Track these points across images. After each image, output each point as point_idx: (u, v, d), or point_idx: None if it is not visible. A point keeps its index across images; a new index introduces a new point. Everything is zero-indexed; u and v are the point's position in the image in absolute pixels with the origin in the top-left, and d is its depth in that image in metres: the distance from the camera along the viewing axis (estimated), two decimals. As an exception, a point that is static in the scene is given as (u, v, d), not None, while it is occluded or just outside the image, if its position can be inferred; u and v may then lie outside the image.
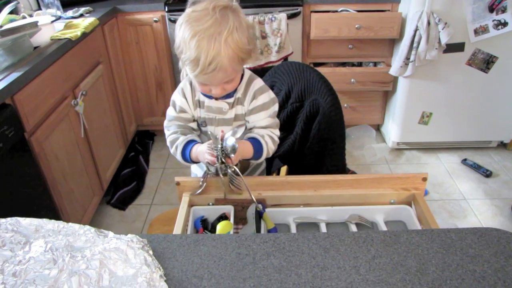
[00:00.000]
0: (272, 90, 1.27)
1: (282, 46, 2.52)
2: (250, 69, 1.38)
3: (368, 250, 0.76)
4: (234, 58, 1.03)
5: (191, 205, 1.15)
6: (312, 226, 1.14)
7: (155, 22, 2.57)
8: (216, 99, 1.20)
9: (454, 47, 2.41)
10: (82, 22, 2.15)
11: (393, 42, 2.65)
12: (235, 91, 1.20)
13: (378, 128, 3.10)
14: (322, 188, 1.15)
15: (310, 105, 1.38)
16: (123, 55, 2.68)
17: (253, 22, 1.10)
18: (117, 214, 2.40)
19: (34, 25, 1.81)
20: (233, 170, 1.08)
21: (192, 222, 1.11)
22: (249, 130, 1.25)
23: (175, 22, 1.21)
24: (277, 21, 2.46)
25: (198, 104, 1.23)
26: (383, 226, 1.10)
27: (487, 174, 2.54)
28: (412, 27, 2.32)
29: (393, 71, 2.53)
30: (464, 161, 2.69)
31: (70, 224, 0.76)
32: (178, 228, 1.04)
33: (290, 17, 2.50)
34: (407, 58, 2.42)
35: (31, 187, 1.62)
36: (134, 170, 2.71)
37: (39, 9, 2.43)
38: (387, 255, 0.75)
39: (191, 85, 1.22)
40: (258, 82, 1.22)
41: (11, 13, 2.00)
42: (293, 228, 1.11)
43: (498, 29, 2.30)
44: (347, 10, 2.53)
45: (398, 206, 1.14)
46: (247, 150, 1.17)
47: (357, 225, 1.12)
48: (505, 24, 2.29)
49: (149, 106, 2.91)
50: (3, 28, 1.74)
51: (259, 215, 1.10)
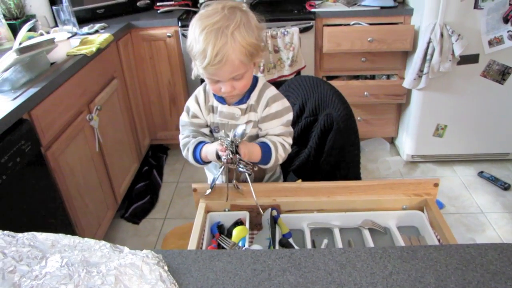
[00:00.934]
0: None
1: (295, 60, 2.53)
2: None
3: (385, 266, 0.75)
4: (241, 51, 1.05)
5: (208, 211, 1.18)
6: (326, 231, 1.16)
7: (169, 37, 2.60)
8: (228, 105, 1.22)
9: (468, 59, 2.39)
10: (97, 38, 2.19)
11: (406, 55, 2.64)
12: (248, 98, 1.21)
13: (392, 141, 3.07)
14: (335, 194, 1.17)
15: (324, 119, 1.37)
16: (137, 70, 2.72)
17: (261, 25, 1.12)
18: (131, 228, 2.40)
19: (51, 41, 1.84)
20: (242, 162, 1.09)
21: (208, 227, 1.14)
22: (261, 137, 1.26)
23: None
24: (289, 35, 2.47)
25: (212, 109, 1.26)
26: (396, 232, 1.11)
27: (505, 187, 2.50)
28: (425, 39, 2.31)
29: (406, 84, 2.52)
30: (480, 173, 2.65)
31: (86, 239, 0.76)
32: (195, 233, 1.06)
33: (302, 31, 2.51)
34: (421, 71, 2.41)
35: (47, 201, 1.64)
36: (148, 184, 2.72)
37: (56, 26, 2.48)
38: (405, 271, 0.74)
39: (205, 91, 1.25)
40: (272, 90, 1.23)
41: (30, 30, 2.04)
42: (307, 233, 1.13)
43: (513, 40, 2.28)
44: (360, 24, 2.53)
45: (410, 211, 1.16)
46: (255, 151, 1.16)
47: (370, 230, 1.13)
48: (520, 35, 2.27)
49: (162, 120, 2.93)
50: (22, 45, 1.78)
51: (274, 221, 1.11)
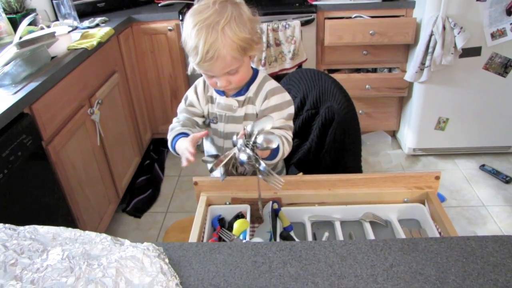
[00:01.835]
0: (287, 96, 1.27)
1: (296, 53, 2.52)
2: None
3: (385, 258, 0.75)
4: (233, 46, 1.05)
5: (209, 204, 1.18)
6: (326, 224, 1.16)
7: (170, 31, 2.59)
8: (226, 97, 1.23)
9: (471, 52, 2.38)
10: (98, 32, 2.18)
11: (408, 48, 2.63)
12: (247, 90, 1.21)
13: (393, 134, 3.07)
14: (336, 187, 1.17)
15: (326, 111, 1.37)
16: (138, 64, 2.71)
17: (255, 18, 1.10)
18: (132, 221, 2.41)
19: (52, 35, 1.84)
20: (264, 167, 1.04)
21: (209, 221, 1.14)
22: None
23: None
24: (291, 28, 2.46)
25: (210, 100, 1.27)
26: (397, 224, 1.11)
27: (507, 180, 2.49)
28: (427, 32, 2.30)
29: (408, 77, 2.51)
30: (482, 167, 2.64)
31: (87, 232, 0.76)
32: (196, 226, 1.06)
33: (304, 24, 2.49)
34: (422, 64, 2.40)
35: (48, 195, 1.64)
36: (149, 178, 2.72)
37: (57, 20, 2.48)
38: (405, 263, 0.74)
39: (205, 82, 1.27)
40: (272, 84, 1.23)
41: (30, 24, 2.04)
42: (308, 226, 1.13)
43: (516, 32, 2.27)
44: (361, 16, 2.52)
45: (411, 204, 1.16)
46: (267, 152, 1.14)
47: (371, 223, 1.13)
48: (522, 27, 2.25)
49: (164, 114, 2.93)
50: (22, 39, 1.77)
51: (275, 214, 1.11)
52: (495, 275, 0.70)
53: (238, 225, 1.07)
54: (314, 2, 2.55)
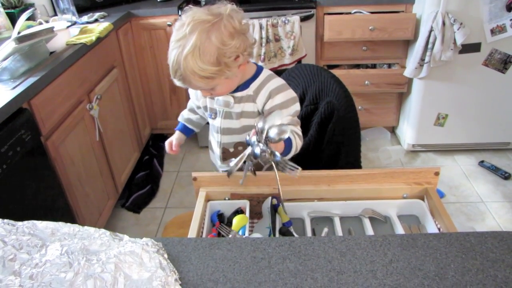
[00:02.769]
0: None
1: (296, 48, 2.51)
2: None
3: (385, 254, 0.75)
4: (194, 75, 1.05)
5: (208, 199, 1.18)
6: (326, 220, 1.16)
7: (169, 26, 2.58)
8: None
9: (470, 48, 2.37)
10: (97, 27, 2.17)
11: (407, 43, 2.62)
12: (247, 87, 1.20)
13: (393, 130, 3.07)
14: (336, 182, 1.17)
15: (325, 107, 1.37)
16: (137, 59, 2.70)
17: (227, 41, 1.07)
18: (131, 217, 2.41)
19: (50, 30, 1.83)
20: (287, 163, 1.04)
21: (208, 216, 1.14)
22: None
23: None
24: (290, 23, 2.45)
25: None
26: (396, 220, 1.11)
27: (506, 176, 2.49)
28: (426, 28, 2.30)
29: (407, 73, 2.50)
30: (481, 163, 2.64)
31: (86, 227, 0.76)
32: (195, 222, 1.06)
33: (303, 19, 2.49)
34: (422, 59, 2.39)
35: (47, 191, 1.64)
36: (148, 173, 2.72)
37: (55, 15, 2.46)
38: (405, 259, 0.74)
39: None
40: (276, 82, 1.21)
41: (28, 19, 2.03)
42: (307, 222, 1.13)
43: (516, 28, 2.27)
44: (361, 12, 2.51)
45: (411, 200, 1.16)
46: (280, 144, 1.11)
47: (370, 219, 1.13)
48: (522, 23, 2.25)
49: (163, 110, 2.92)
50: (21, 34, 1.76)
51: (274, 209, 1.11)
52: (494, 271, 0.70)
53: (237, 220, 1.07)
54: (314, -2, 2.54)
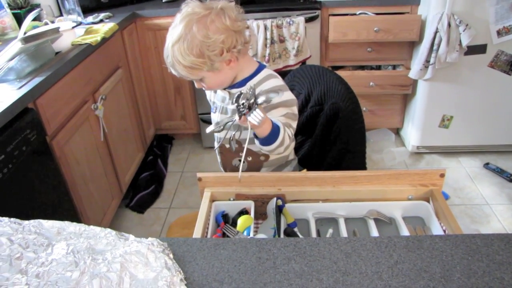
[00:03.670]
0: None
1: (300, 49, 2.51)
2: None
3: (390, 255, 0.75)
4: (179, 64, 1.13)
5: (213, 200, 1.18)
6: (331, 221, 1.16)
7: (174, 26, 2.58)
8: (224, 88, 1.28)
9: (476, 49, 2.36)
10: (102, 27, 2.18)
11: (412, 45, 2.61)
12: (244, 85, 1.23)
13: (397, 132, 3.06)
14: (341, 184, 1.17)
15: (330, 108, 1.37)
16: (142, 60, 2.71)
17: (213, 37, 1.10)
18: (135, 217, 2.41)
19: (56, 31, 1.84)
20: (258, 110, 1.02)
21: (213, 217, 1.14)
22: None
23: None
24: (295, 24, 2.45)
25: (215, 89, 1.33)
26: (401, 222, 1.11)
27: (511, 178, 2.48)
28: (432, 29, 2.29)
29: (412, 74, 2.50)
30: (486, 165, 2.63)
31: (91, 227, 0.76)
32: (200, 222, 1.06)
33: (308, 20, 2.49)
34: (427, 61, 2.39)
35: (52, 190, 1.64)
36: (152, 173, 2.73)
37: (61, 15, 2.48)
38: (410, 261, 0.74)
39: None
40: (272, 82, 1.22)
41: (34, 19, 2.04)
42: (312, 223, 1.13)
43: (522, 30, 2.26)
44: (366, 13, 2.51)
45: (416, 202, 1.15)
46: (268, 120, 1.09)
47: (375, 220, 1.13)
48: (528, 25, 2.24)
49: (167, 110, 2.93)
50: (27, 34, 1.77)
51: (279, 210, 1.11)
52: (501, 273, 0.70)
53: (242, 221, 1.07)
54: (319, -1, 2.54)
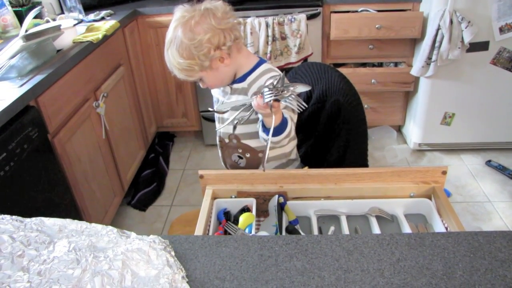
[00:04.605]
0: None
1: (302, 47, 2.51)
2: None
3: (392, 252, 0.75)
4: (175, 67, 1.20)
5: (214, 197, 1.18)
6: (332, 218, 1.15)
7: (175, 24, 2.58)
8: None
9: (478, 46, 2.35)
10: (103, 25, 2.18)
11: (414, 42, 2.61)
12: (244, 80, 1.25)
13: (399, 129, 3.05)
14: (342, 181, 1.16)
15: (332, 105, 1.36)
16: (144, 57, 2.71)
17: (203, 39, 1.15)
18: (137, 215, 2.42)
19: (57, 28, 1.84)
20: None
21: (215, 214, 1.14)
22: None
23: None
24: (296, 22, 2.45)
25: None
26: (403, 219, 1.11)
27: (513, 176, 2.48)
28: (434, 26, 2.28)
29: (414, 71, 2.49)
30: (488, 162, 2.63)
31: (93, 224, 0.76)
32: (201, 219, 1.06)
33: (309, 17, 2.48)
34: (429, 58, 2.38)
35: (54, 188, 1.65)
36: (154, 171, 2.73)
37: (62, 13, 2.47)
38: (412, 258, 0.73)
39: None
40: (271, 75, 1.24)
41: (36, 17, 2.04)
42: (314, 220, 1.12)
43: (524, 27, 2.25)
44: (367, 10, 2.50)
45: (418, 199, 1.15)
46: (280, 112, 1.15)
47: (377, 218, 1.13)
48: (531, 22, 2.23)
49: (169, 108, 2.93)
50: (28, 32, 1.77)
51: (281, 208, 1.11)
52: (504, 271, 0.69)
53: (243, 218, 1.07)
54: (320, -4, 2.54)
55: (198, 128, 3.00)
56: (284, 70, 1.25)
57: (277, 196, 1.12)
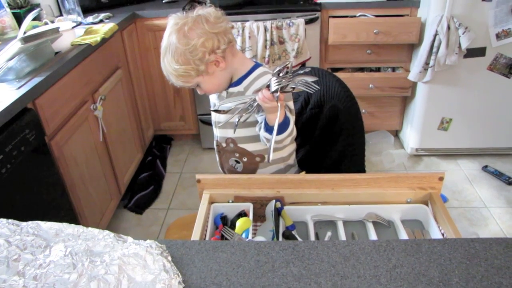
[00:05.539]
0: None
1: (300, 51, 2.51)
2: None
3: (389, 259, 0.75)
4: (171, 74, 1.22)
5: (211, 202, 1.18)
6: (329, 224, 1.16)
7: (174, 27, 2.58)
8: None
9: (475, 52, 2.37)
10: (102, 27, 2.18)
11: (412, 47, 2.62)
12: (240, 84, 1.26)
13: (396, 134, 3.06)
14: (339, 186, 1.17)
15: (329, 110, 1.37)
16: (142, 60, 2.71)
17: (197, 46, 1.16)
18: (134, 218, 2.41)
19: (56, 31, 1.84)
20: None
21: (212, 219, 1.14)
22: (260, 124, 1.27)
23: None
24: (295, 26, 2.45)
25: None
26: (400, 225, 1.11)
27: (510, 181, 2.48)
28: (431, 32, 2.29)
29: (412, 77, 2.50)
30: (485, 168, 2.63)
31: (90, 228, 0.76)
32: (198, 224, 1.06)
33: (308, 22, 2.49)
34: (426, 63, 2.39)
35: (51, 190, 1.64)
36: (151, 174, 2.72)
37: (61, 15, 2.47)
38: (409, 265, 0.73)
39: None
40: (267, 79, 1.22)
41: (34, 19, 2.04)
42: (310, 226, 1.13)
43: (521, 33, 2.26)
44: (365, 15, 2.51)
45: (414, 205, 1.16)
46: (283, 109, 1.15)
47: (374, 223, 1.13)
48: (528, 28, 2.24)
49: (166, 111, 2.92)
50: (26, 34, 1.77)
51: (278, 213, 1.11)
52: (499, 278, 0.70)
53: (240, 223, 1.07)
54: (319, 1, 2.54)
55: (195, 131, 3.00)
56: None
57: (274, 201, 1.12)
